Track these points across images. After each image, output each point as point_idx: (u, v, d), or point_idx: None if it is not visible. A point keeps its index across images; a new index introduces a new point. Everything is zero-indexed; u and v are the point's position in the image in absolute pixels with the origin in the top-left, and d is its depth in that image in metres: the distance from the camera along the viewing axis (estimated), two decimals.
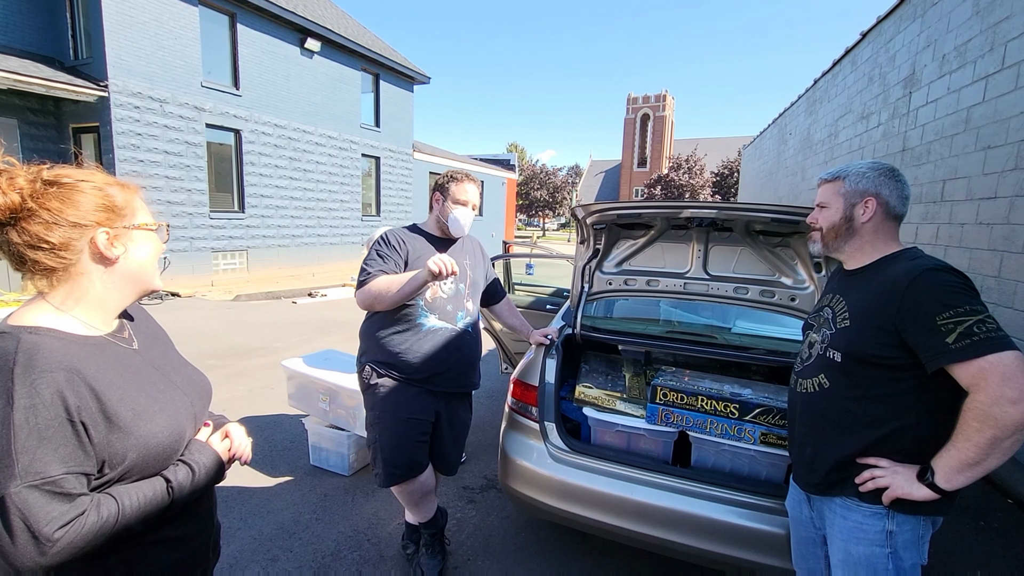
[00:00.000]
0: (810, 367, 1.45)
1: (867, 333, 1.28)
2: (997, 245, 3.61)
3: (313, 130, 12.87)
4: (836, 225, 1.42)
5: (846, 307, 1.38)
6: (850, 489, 1.33)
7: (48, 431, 0.80)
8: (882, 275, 1.33)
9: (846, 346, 1.32)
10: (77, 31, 9.40)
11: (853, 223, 1.40)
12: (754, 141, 14.77)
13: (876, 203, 1.36)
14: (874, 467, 1.28)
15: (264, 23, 11.35)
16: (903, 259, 1.33)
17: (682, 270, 2.63)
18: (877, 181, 1.37)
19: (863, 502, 1.31)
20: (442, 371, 2.11)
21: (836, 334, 1.37)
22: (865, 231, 1.39)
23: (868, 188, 1.37)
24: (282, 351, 5.87)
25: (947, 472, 1.17)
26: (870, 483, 1.28)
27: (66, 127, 9.47)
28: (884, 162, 1.42)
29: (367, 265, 2.05)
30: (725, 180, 40.01)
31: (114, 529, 0.87)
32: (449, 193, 2.14)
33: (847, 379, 1.33)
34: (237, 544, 2.49)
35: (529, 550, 2.53)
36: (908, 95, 5.06)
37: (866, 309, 1.31)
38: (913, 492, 1.21)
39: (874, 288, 1.31)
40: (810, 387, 1.43)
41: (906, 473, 1.24)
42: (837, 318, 1.39)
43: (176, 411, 1.00)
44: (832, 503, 1.39)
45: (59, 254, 0.88)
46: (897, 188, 1.36)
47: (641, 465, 2.04)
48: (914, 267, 1.25)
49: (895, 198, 1.37)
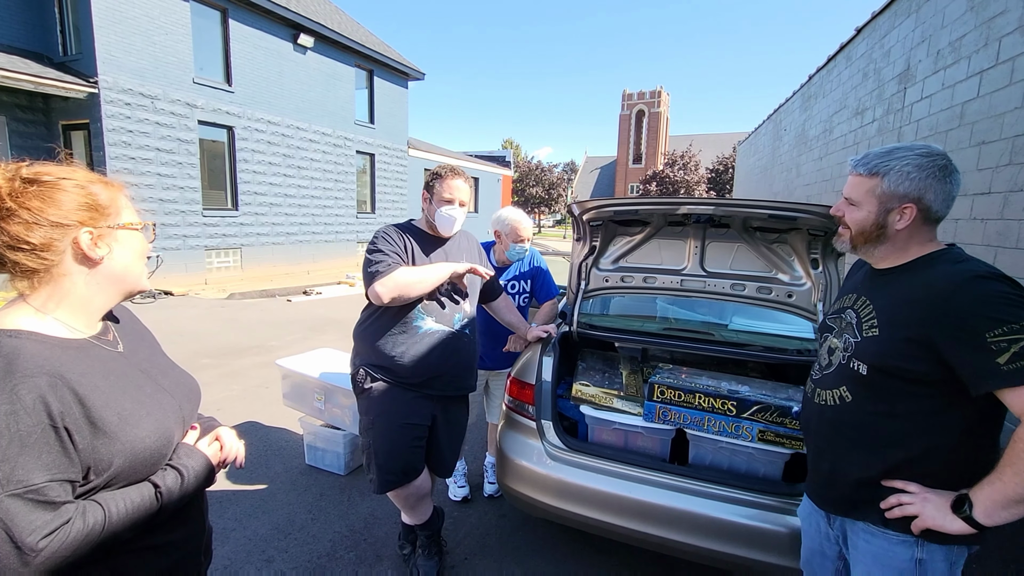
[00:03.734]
0: (830, 377, 1.31)
1: (898, 345, 1.14)
2: (991, 240, 3.62)
3: (307, 127, 12.78)
4: (866, 231, 1.23)
5: (874, 313, 1.22)
6: (874, 515, 1.20)
7: (30, 438, 0.78)
8: (918, 279, 1.16)
9: (873, 358, 1.18)
10: (66, 26, 9.26)
11: (886, 230, 1.21)
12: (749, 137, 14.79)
13: (916, 210, 1.16)
14: (902, 492, 1.15)
15: (256, 18, 11.24)
16: (943, 261, 1.16)
17: (679, 267, 2.62)
18: (923, 184, 1.14)
19: (889, 529, 1.18)
20: (439, 375, 2.06)
21: (862, 343, 1.22)
22: (899, 238, 1.21)
23: (910, 192, 1.15)
24: (277, 350, 5.83)
25: (988, 507, 1.03)
26: (897, 510, 1.15)
27: (56, 124, 9.35)
28: (936, 150, 1.16)
29: (376, 257, 1.93)
30: (720, 176, 40.07)
31: (101, 537, 0.84)
32: (435, 192, 2.06)
33: (871, 393, 1.19)
34: (232, 545, 2.47)
35: (526, 549, 2.52)
36: (903, 91, 5.07)
37: (898, 317, 1.16)
38: (946, 524, 1.08)
39: (908, 293, 1.16)
40: (829, 399, 1.29)
41: (938, 502, 1.10)
42: (863, 324, 1.24)
43: (164, 415, 0.98)
44: (855, 524, 1.27)
45: (40, 255, 0.86)
46: (945, 190, 1.15)
47: (638, 463, 2.03)
48: (958, 273, 1.10)
49: (939, 202, 1.16)
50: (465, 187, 2.09)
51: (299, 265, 12.86)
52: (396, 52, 15.79)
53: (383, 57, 14.73)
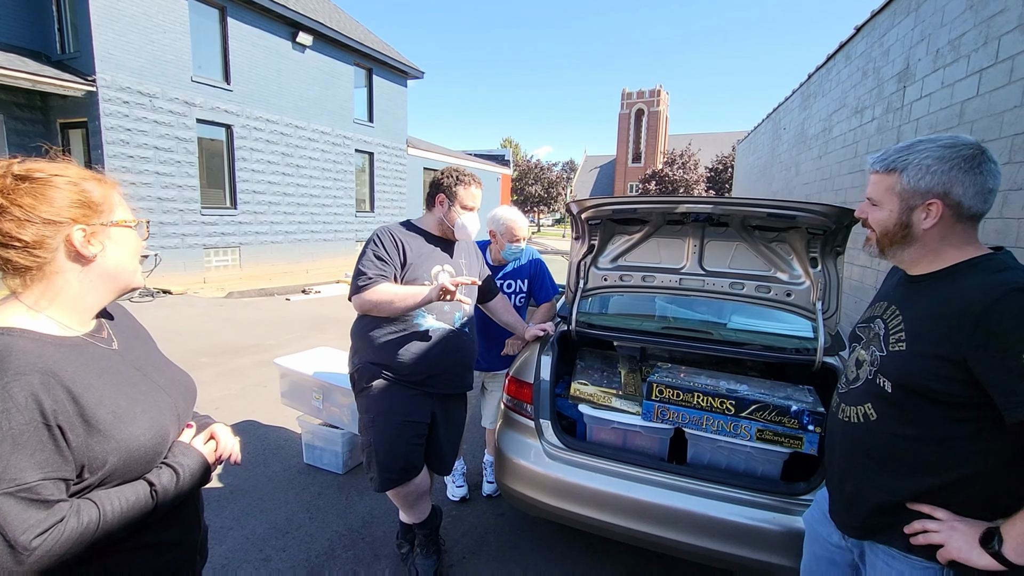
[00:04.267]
0: (856, 392, 1.21)
1: (926, 362, 1.03)
2: (990, 239, 3.61)
3: (306, 125, 12.76)
4: (890, 232, 1.13)
5: (902, 325, 1.12)
6: (898, 540, 1.11)
7: (23, 436, 0.77)
8: (953, 288, 1.05)
9: (898, 376, 1.08)
10: (64, 25, 9.23)
11: (911, 229, 1.10)
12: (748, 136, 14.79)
13: (942, 206, 1.05)
14: (928, 517, 1.06)
15: (255, 16, 11.22)
16: (983, 269, 1.04)
17: (678, 266, 2.62)
18: (948, 176, 1.03)
19: (912, 555, 1.09)
20: (439, 372, 2.06)
21: (888, 358, 1.12)
22: (929, 238, 1.10)
23: (934, 186, 1.05)
24: (275, 349, 5.82)
25: (1019, 544, 0.94)
26: (921, 537, 1.05)
27: (54, 123, 9.33)
28: (963, 140, 1.06)
29: (364, 267, 1.96)
30: (719, 175, 40.08)
31: (95, 535, 0.84)
32: (457, 198, 2.07)
33: (899, 413, 1.10)
34: (229, 544, 2.46)
35: (525, 548, 2.52)
36: (902, 89, 5.06)
37: (928, 332, 1.05)
38: (972, 558, 0.98)
39: (940, 304, 1.05)
40: (854, 416, 1.19)
41: (967, 533, 1.00)
42: (890, 337, 1.13)
43: (159, 413, 0.97)
44: (875, 545, 1.18)
45: (32, 252, 0.85)
46: (977, 181, 1.03)
47: (637, 462, 2.03)
48: (996, 284, 0.98)
49: (971, 195, 1.03)
50: (481, 196, 2.15)
51: (298, 264, 12.85)
52: (395, 51, 15.76)
53: (382, 55, 14.70)
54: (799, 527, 1.70)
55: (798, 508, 1.79)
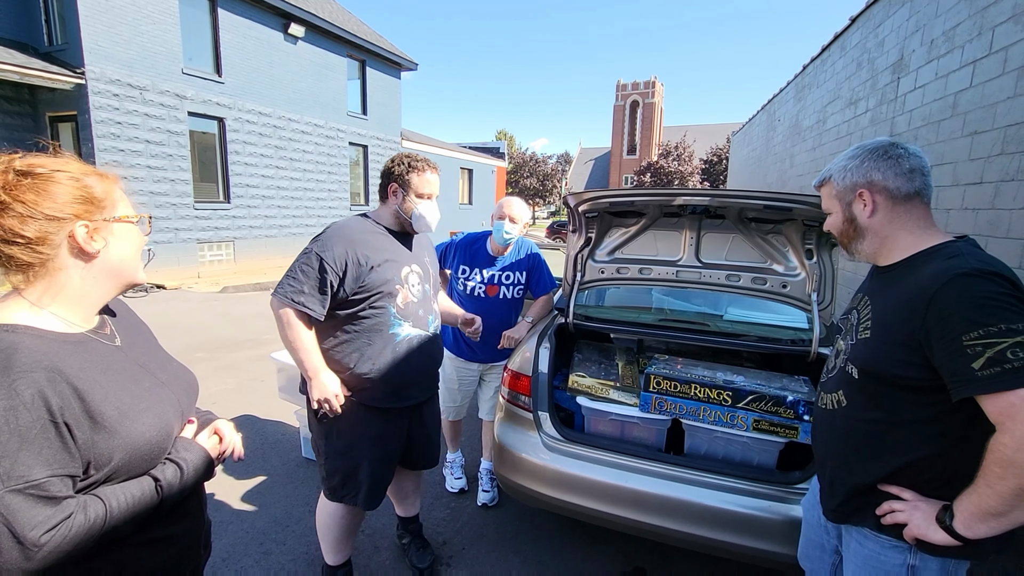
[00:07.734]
0: (832, 380, 1.30)
1: (888, 348, 1.11)
2: (982, 230, 3.65)
3: (299, 118, 12.64)
4: (843, 230, 1.27)
5: (871, 314, 1.20)
6: (869, 521, 1.18)
7: (30, 433, 0.77)
8: (912, 277, 1.12)
9: (864, 362, 1.16)
10: (51, 16, 9.08)
11: (857, 222, 1.23)
12: (743, 128, 14.79)
13: (871, 193, 1.19)
14: (896, 498, 1.13)
15: (245, 7, 11.07)
16: (938, 257, 1.11)
17: (674, 258, 2.63)
18: (863, 168, 1.20)
19: (882, 533, 1.16)
20: (415, 382, 1.95)
21: (856, 346, 1.21)
22: (876, 225, 1.21)
23: (857, 180, 1.21)
24: (271, 343, 5.80)
25: (966, 518, 1.00)
26: (888, 517, 1.13)
27: (42, 116, 9.20)
28: (871, 142, 1.24)
29: (296, 279, 1.79)
30: (714, 167, 40.10)
31: (102, 531, 0.85)
32: (412, 186, 1.86)
33: (865, 399, 1.17)
34: (229, 538, 2.47)
35: (524, 538, 2.54)
36: (896, 80, 5.08)
37: (889, 319, 1.13)
38: (929, 534, 1.05)
39: (901, 293, 1.12)
40: (830, 403, 1.28)
41: (927, 511, 1.07)
42: (860, 326, 1.22)
43: (163, 409, 0.98)
44: (850, 527, 1.26)
45: (35, 249, 0.85)
46: (893, 166, 1.17)
47: (635, 453, 2.05)
48: (946, 270, 1.04)
49: (893, 177, 1.17)
50: (438, 181, 1.94)
51: (292, 258, 12.55)
52: (388, 42, 15.61)
53: (375, 47, 14.56)
54: (794, 515, 1.73)
55: (794, 497, 1.81)
